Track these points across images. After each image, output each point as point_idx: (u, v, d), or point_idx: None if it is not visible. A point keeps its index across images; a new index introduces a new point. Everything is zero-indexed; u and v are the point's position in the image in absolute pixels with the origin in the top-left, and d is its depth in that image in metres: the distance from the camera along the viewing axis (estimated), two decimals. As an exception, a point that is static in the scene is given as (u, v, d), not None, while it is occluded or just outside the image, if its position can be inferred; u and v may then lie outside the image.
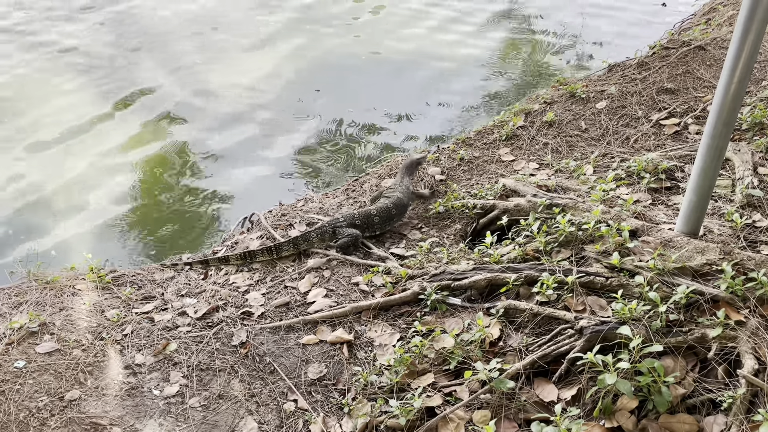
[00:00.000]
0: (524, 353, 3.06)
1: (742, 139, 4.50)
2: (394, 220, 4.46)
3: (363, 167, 5.93)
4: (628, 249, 3.36)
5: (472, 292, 3.57)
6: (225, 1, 9.34)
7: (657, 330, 2.86)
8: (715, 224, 3.55)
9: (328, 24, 8.77)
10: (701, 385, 2.72)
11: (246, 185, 5.79)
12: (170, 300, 3.92)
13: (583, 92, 5.60)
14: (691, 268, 3.15)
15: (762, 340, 2.77)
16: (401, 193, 4.56)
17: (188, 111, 6.87)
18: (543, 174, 4.72)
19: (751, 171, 4.00)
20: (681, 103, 5.20)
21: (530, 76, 7.47)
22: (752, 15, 2.79)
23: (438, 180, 4.96)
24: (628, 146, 4.87)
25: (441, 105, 6.93)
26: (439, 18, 9.00)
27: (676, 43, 5.99)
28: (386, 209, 4.41)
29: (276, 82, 7.42)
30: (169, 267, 4.35)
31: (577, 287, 3.23)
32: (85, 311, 3.79)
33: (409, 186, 4.68)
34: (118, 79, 7.39)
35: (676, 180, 4.20)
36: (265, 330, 3.55)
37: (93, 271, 4.15)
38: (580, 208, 3.84)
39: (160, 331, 3.59)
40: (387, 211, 4.40)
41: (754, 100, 4.95)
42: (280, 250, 4.24)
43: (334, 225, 4.31)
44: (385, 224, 4.43)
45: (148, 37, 8.36)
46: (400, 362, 3.14)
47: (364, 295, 3.78)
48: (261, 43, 8.26)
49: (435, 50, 8.08)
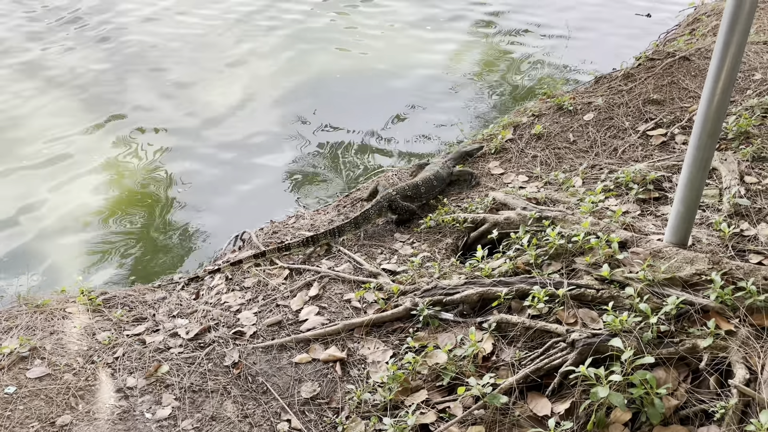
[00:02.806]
0: (517, 367, 3.07)
1: (728, 148, 4.55)
2: (435, 191, 4.94)
3: (354, 183, 5.94)
4: (617, 260, 3.38)
5: (464, 306, 3.58)
6: (206, 21, 9.37)
7: (648, 341, 2.87)
8: (703, 234, 3.58)
9: (312, 40, 8.82)
10: (694, 395, 2.73)
11: (236, 203, 5.78)
12: (162, 321, 3.90)
13: (570, 104, 5.65)
14: (680, 279, 3.16)
15: (752, 349, 2.78)
16: (441, 169, 5.02)
17: (173, 129, 6.86)
18: (532, 186, 4.75)
19: (737, 180, 4.04)
20: (667, 114, 5.25)
21: (516, 89, 7.52)
22: (733, 27, 2.83)
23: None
24: (616, 157, 4.91)
25: (430, 122, 6.95)
26: (420, 32, 9.07)
27: (662, 54, 6.06)
28: (428, 180, 4.91)
29: (262, 99, 7.44)
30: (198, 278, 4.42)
31: (568, 300, 3.24)
32: (75, 334, 3.76)
33: (450, 167, 5.12)
34: (102, 99, 7.39)
35: (664, 190, 4.23)
36: (257, 349, 3.54)
37: (83, 293, 4.13)
38: (569, 220, 3.86)
39: (151, 353, 3.57)
40: (429, 182, 4.91)
41: (740, 109, 5.00)
42: (342, 231, 4.54)
43: (389, 199, 4.71)
44: (429, 194, 4.91)
45: (130, 56, 8.37)
46: (394, 379, 3.14)
47: (357, 311, 3.78)
48: (245, 60, 8.29)
49: (418, 63, 8.13)
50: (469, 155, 5.37)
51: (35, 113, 7.08)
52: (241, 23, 9.30)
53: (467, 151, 5.38)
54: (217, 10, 9.71)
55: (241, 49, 8.56)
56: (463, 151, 5.37)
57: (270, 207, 5.55)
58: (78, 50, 8.46)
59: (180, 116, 7.09)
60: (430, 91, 7.49)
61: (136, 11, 9.62)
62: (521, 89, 7.52)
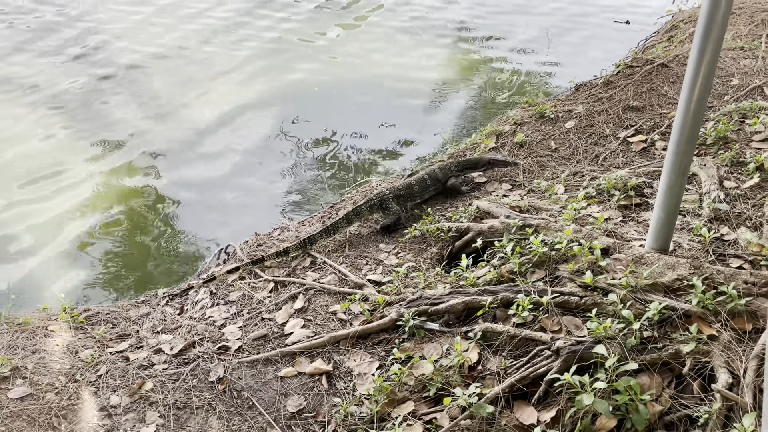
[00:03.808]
0: (503, 376, 3.07)
1: (707, 153, 4.60)
2: (430, 190, 4.95)
3: (338, 194, 5.94)
4: (600, 267, 3.40)
5: (449, 316, 3.58)
6: (190, 33, 9.36)
7: (632, 348, 2.89)
8: (684, 239, 3.61)
9: (302, 49, 8.83)
10: (678, 401, 2.75)
11: (219, 217, 5.76)
12: (145, 337, 3.87)
13: (551, 112, 5.69)
14: (662, 284, 3.19)
15: (734, 353, 2.81)
16: (439, 170, 5.00)
17: (158, 144, 6.84)
18: (515, 195, 4.77)
19: (717, 185, 4.09)
20: (647, 120, 5.31)
21: (498, 98, 7.58)
22: (706, 37, 2.87)
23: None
24: (597, 164, 4.95)
25: (412, 133, 6.98)
26: (403, 41, 9.11)
27: (640, 61, 6.13)
28: (422, 179, 4.94)
29: (249, 111, 7.43)
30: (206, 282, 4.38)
31: (552, 307, 3.25)
32: (58, 353, 3.72)
33: (450, 172, 5.04)
34: (86, 116, 7.34)
35: (645, 196, 4.27)
36: (242, 364, 3.52)
37: (66, 311, 4.08)
38: (552, 227, 3.88)
39: (135, 370, 3.53)
40: (423, 181, 4.93)
41: (718, 115, 5.07)
42: (336, 228, 4.64)
43: (381, 197, 4.78)
44: (423, 193, 4.93)
45: (119, 70, 8.34)
46: (380, 391, 3.13)
47: (342, 323, 3.77)
48: (233, 71, 8.28)
49: (402, 74, 8.16)
50: (474, 166, 5.13)
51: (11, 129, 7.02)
52: (221, 38, 9.29)
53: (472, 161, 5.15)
54: (199, 24, 9.71)
55: (222, 63, 8.55)
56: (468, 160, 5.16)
57: (254, 220, 5.53)
58: (59, 65, 8.42)
59: (162, 131, 7.06)
60: (411, 103, 7.53)
61: (116, 28, 9.60)
62: (503, 98, 7.57)
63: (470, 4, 10.39)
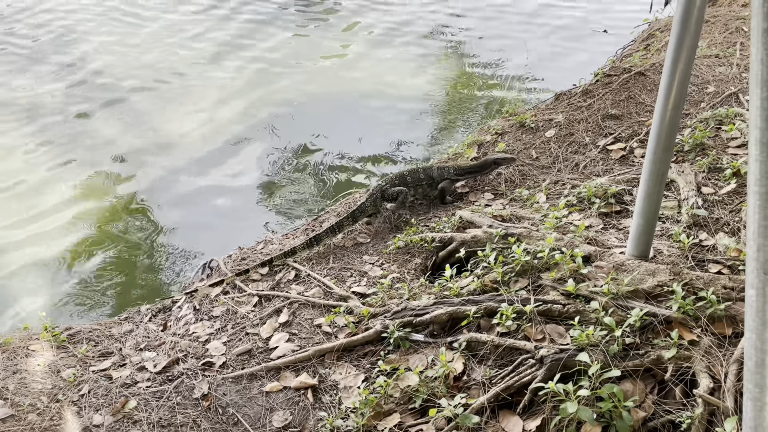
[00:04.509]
0: (488, 386, 3.08)
1: (685, 160, 4.67)
2: (422, 183, 5.03)
3: (322, 206, 5.94)
4: (582, 275, 3.43)
5: (434, 326, 3.58)
6: (173, 51, 9.34)
7: (615, 354, 2.91)
8: (664, 245, 3.65)
9: (275, 64, 8.84)
10: (661, 407, 2.77)
11: (201, 232, 5.74)
12: (128, 355, 3.83)
13: (532, 122, 5.75)
14: (643, 291, 3.23)
15: (715, 358, 2.84)
16: (437, 169, 5.09)
17: (137, 158, 6.81)
18: (498, 204, 4.80)
19: (695, 191, 4.15)
20: (626, 128, 5.38)
21: (479, 107, 7.64)
22: (680, 45, 2.92)
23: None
24: (578, 172, 5.00)
25: (395, 143, 7.00)
26: (383, 54, 9.17)
27: (618, 70, 6.22)
28: (415, 172, 5.07)
29: (230, 128, 7.42)
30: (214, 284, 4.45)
31: (536, 316, 3.27)
32: (39, 373, 3.67)
33: (447, 174, 5.08)
34: (63, 129, 7.29)
35: (625, 203, 4.32)
36: (227, 380, 3.49)
37: (47, 330, 4.04)
38: (534, 236, 3.91)
39: (118, 388, 3.49)
40: (415, 174, 5.05)
41: (695, 122, 5.14)
42: (341, 226, 4.77)
43: (380, 189, 4.94)
44: (415, 185, 5.01)
45: (98, 87, 8.29)
46: (366, 404, 3.12)
47: (327, 336, 3.76)
48: (207, 85, 8.27)
49: (382, 85, 8.21)
50: (481, 171, 5.14)
51: None
52: (198, 46, 9.28)
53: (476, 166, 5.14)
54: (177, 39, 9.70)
55: (201, 73, 8.54)
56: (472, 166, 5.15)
57: (237, 234, 5.51)
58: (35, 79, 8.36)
59: (142, 144, 7.03)
60: (392, 113, 7.56)
61: (93, 38, 9.56)
62: (484, 107, 7.63)
63: (446, 15, 10.48)
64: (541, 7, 10.48)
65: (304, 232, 5.17)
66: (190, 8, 10.62)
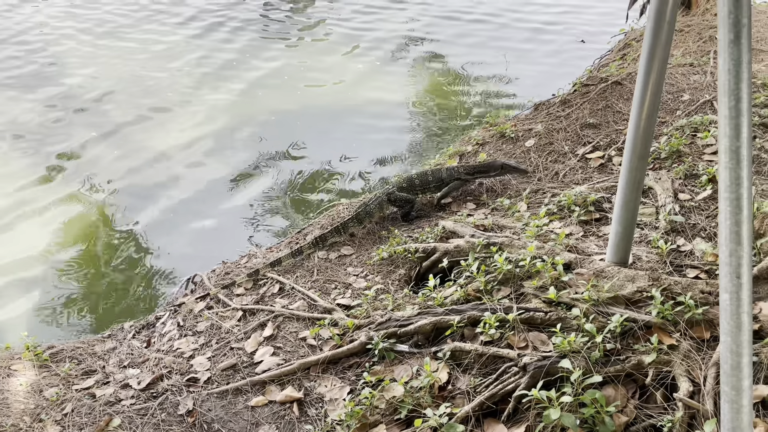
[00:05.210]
0: (472, 395, 3.10)
1: (662, 167, 4.75)
2: (431, 186, 5.12)
3: (306, 219, 5.95)
4: (563, 282, 3.47)
5: (418, 337, 3.60)
6: (150, 60, 9.33)
7: (596, 360, 2.95)
8: (643, 251, 3.71)
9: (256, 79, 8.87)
10: (642, 411, 2.81)
11: (185, 247, 5.72)
12: (112, 372, 3.81)
13: (512, 132, 5.82)
14: (623, 297, 3.27)
15: (694, 361, 2.89)
16: (445, 170, 5.14)
17: (116, 174, 6.78)
18: (480, 214, 4.85)
19: (672, 198, 4.22)
20: (604, 137, 5.46)
21: (460, 119, 7.71)
22: (652, 55, 2.99)
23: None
24: (557, 181, 5.07)
25: (376, 156, 7.04)
26: (359, 67, 9.23)
27: (595, 79, 6.32)
28: (423, 174, 5.14)
29: (212, 141, 7.42)
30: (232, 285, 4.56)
31: (518, 324, 3.30)
32: (22, 392, 3.64)
33: (457, 174, 5.13)
34: (41, 143, 7.25)
35: (604, 211, 4.39)
36: (212, 395, 3.48)
37: (29, 349, 4.00)
38: (516, 245, 3.96)
39: (102, 406, 3.47)
40: (424, 176, 5.12)
41: (671, 130, 5.24)
42: (347, 227, 4.87)
43: (386, 192, 5.03)
44: (424, 187, 5.11)
45: (74, 101, 8.26)
46: (352, 416, 3.13)
47: (312, 349, 3.77)
48: (194, 103, 8.27)
49: (359, 98, 8.26)
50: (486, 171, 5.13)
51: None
52: (179, 62, 9.28)
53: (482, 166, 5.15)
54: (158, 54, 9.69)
55: (182, 89, 8.54)
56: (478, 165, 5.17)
57: (221, 249, 5.50)
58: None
59: (124, 162, 7.00)
60: (373, 125, 7.61)
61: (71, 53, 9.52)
62: (464, 118, 7.70)
63: (423, 26, 10.58)
64: (515, 21, 10.62)
65: (287, 245, 5.18)
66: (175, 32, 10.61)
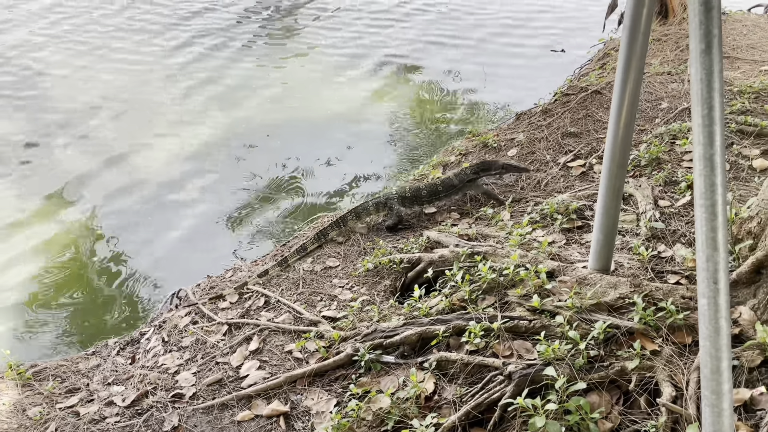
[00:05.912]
0: (459, 405, 3.11)
1: (642, 174, 4.81)
2: (440, 195, 5.14)
3: (291, 231, 5.94)
4: (547, 290, 3.50)
5: (404, 347, 3.61)
6: (132, 77, 9.31)
7: (580, 367, 2.97)
8: (624, 258, 3.76)
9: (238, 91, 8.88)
10: (626, 417, 2.84)
11: (170, 262, 5.68)
12: (96, 390, 3.77)
13: (494, 141, 5.87)
14: (606, 304, 3.31)
15: (677, 366, 2.92)
16: (454, 176, 5.15)
17: (96, 186, 6.74)
18: (464, 223, 4.88)
19: (652, 204, 4.28)
20: (584, 145, 5.53)
21: (443, 129, 7.76)
22: (628, 66, 3.04)
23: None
24: (540, 190, 5.12)
25: (359, 167, 7.06)
26: (340, 80, 9.27)
27: (576, 89, 6.40)
28: (433, 185, 5.15)
29: (195, 155, 7.40)
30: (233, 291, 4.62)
31: (503, 333, 3.32)
32: (4, 412, 3.59)
33: (467, 177, 5.14)
34: (21, 160, 7.19)
35: (586, 218, 4.43)
36: (197, 411, 3.46)
37: (12, 368, 3.96)
38: (500, 254, 3.99)
39: (86, 425, 3.43)
40: (433, 187, 5.13)
41: (650, 137, 5.31)
42: (345, 221, 5.03)
43: (387, 197, 5.12)
44: (432, 197, 5.13)
45: (58, 114, 8.21)
46: (338, 428, 3.12)
47: (298, 362, 3.76)
48: (177, 115, 8.26)
49: (340, 111, 8.29)
50: (488, 169, 5.16)
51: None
52: (161, 75, 9.27)
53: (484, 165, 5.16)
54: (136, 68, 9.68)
55: (163, 102, 8.52)
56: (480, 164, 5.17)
57: (205, 262, 5.48)
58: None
59: (108, 177, 6.96)
60: (355, 138, 7.63)
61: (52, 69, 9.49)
62: (447, 129, 7.75)
63: (401, 41, 10.67)
64: (494, 36, 10.74)
65: (272, 258, 5.17)
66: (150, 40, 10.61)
